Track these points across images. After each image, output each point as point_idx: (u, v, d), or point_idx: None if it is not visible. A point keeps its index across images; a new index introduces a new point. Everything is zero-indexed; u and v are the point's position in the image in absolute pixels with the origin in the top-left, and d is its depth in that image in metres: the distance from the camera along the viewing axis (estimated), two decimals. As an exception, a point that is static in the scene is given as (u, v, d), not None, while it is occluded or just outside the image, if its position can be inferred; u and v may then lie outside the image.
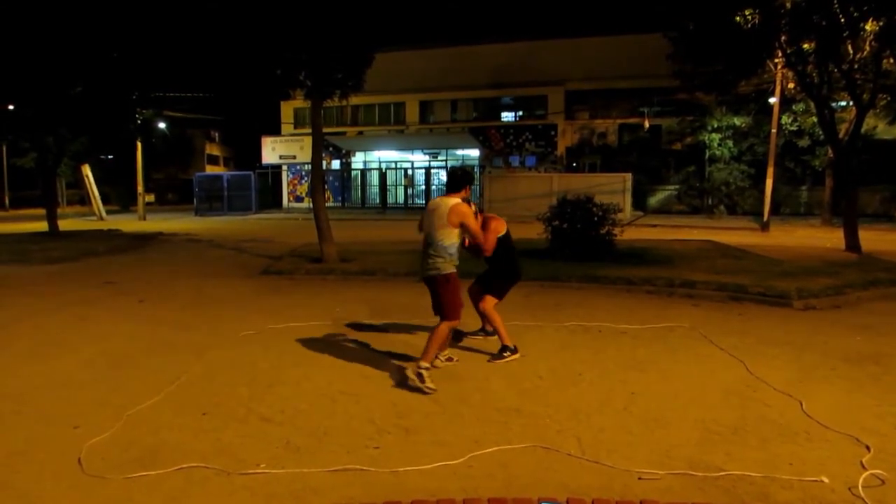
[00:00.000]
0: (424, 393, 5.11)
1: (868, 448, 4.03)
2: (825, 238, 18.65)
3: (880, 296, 9.48)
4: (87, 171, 31.30)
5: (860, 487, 3.50)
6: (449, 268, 5.46)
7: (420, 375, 5.19)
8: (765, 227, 22.92)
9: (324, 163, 18.50)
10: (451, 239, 5.44)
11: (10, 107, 18.80)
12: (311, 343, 6.85)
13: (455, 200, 5.47)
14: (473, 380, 5.53)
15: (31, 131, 18.74)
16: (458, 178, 5.64)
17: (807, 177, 30.40)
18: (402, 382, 5.35)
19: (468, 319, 6.36)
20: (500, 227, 6.22)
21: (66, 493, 3.57)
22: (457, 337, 6.56)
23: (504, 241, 6.24)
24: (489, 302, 6.26)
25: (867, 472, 3.68)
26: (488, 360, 6.07)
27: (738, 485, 3.58)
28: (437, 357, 5.66)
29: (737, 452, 4.01)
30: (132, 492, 3.56)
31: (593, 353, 6.40)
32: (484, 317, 6.39)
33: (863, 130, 17.50)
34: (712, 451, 4.03)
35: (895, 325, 7.68)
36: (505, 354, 6.08)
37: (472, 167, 38.61)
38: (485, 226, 6.05)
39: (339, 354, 6.38)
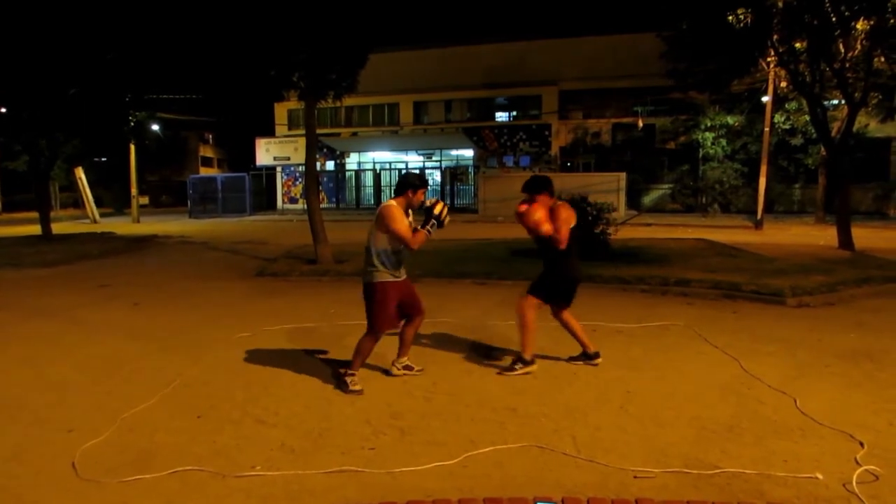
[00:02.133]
0: (353, 392, 5.18)
1: (862, 444, 4.04)
2: (818, 236, 18.71)
3: (874, 293, 9.51)
4: (80, 173, 31.20)
5: (854, 483, 3.51)
6: (380, 277, 5.29)
7: (345, 383, 5.25)
8: (758, 225, 22.98)
9: (318, 164, 18.48)
10: (379, 244, 5.28)
11: (3, 109, 18.72)
12: (306, 344, 6.84)
13: (389, 203, 5.32)
14: (469, 380, 5.53)
15: (24, 134, 18.66)
16: (400, 183, 5.44)
17: (800, 175, 30.48)
18: (397, 385, 5.35)
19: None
20: (570, 216, 5.79)
21: (60, 497, 3.56)
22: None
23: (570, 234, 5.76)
24: (530, 301, 5.87)
25: (861, 469, 3.69)
26: (497, 373, 5.70)
27: (733, 482, 3.59)
28: (393, 366, 5.66)
29: (732, 450, 4.02)
30: (127, 496, 3.55)
31: (588, 353, 6.40)
32: (519, 322, 5.86)
33: (855, 128, 17.61)
34: (707, 449, 4.04)
35: (889, 322, 7.71)
36: (517, 367, 5.68)
37: (419, 171, 38.59)
38: (554, 215, 5.68)
39: (334, 356, 6.37)
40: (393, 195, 5.44)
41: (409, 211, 5.41)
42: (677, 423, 4.49)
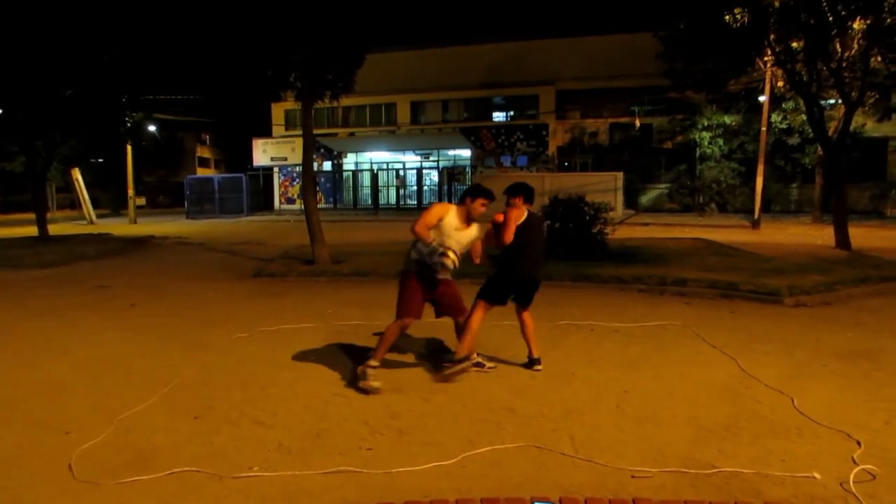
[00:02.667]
0: (365, 392, 5.12)
1: (859, 443, 4.05)
2: (815, 235, 18.74)
3: (871, 292, 9.53)
4: (77, 174, 31.15)
5: (851, 483, 3.52)
6: (408, 266, 5.43)
7: (364, 373, 5.25)
8: (755, 224, 23.01)
9: (315, 164, 18.47)
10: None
11: (-1, 111, 18.70)
12: (303, 345, 6.83)
13: (444, 203, 5.49)
14: (466, 380, 5.52)
15: (20, 135, 18.62)
16: (465, 190, 5.60)
17: (797, 174, 30.56)
18: (395, 386, 5.35)
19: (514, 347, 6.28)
20: (519, 215, 5.68)
21: (57, 499, 3.55)
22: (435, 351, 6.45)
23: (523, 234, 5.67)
24: (479, 303, 5.75)
25: (858, 468, 3.69)
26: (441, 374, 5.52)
27: (731, 482, 3.60)
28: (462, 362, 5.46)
29: (729, 449, 4.02)
30: (124, 497, 3.54)
31: (586, 352, 6.41)
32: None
33: (852, 128, 17.64)
34: (705, 449, 4.04)
35: (886, 322, 7.73)
36: (453, 366, 5.49)
37: (481, 186, 38.60)
38: (505, 215, 5.68)
39: (331, 356, 6.37)
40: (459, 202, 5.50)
41: (470, 220, 5.44)
42: (675, 423, 4.49)
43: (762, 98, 23.64)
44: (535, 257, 5.86)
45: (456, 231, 5.35)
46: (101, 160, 40.37)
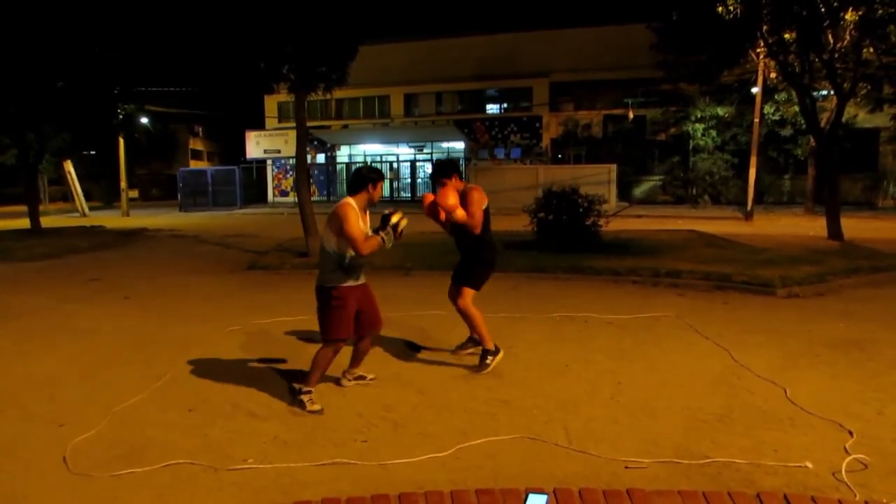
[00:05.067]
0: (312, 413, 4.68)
1: (851, 433, 4.07)
2: (808, 226, 18.80)
3: (863, 283, 9.58)
4: (69, 167, 30.97)
5: (844, 472, 3.54)
6: (334, 280, 4.87)
7: (301, 402, 4.74)
8: (748, 216, 23.07)
9: (309, 157, 18.40)
10: (332, 245, 4.83)
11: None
12: (297, 337, 6.83)
13: (346, 201, 4.77)
14: (460, 371, 5.53)
15: (12, 127, 18.52)
16: (357, 179, 4.90)
17: (789, 166, 30.58)
18: (389, 378, 5.35)
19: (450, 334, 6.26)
20: (482, 199, 5.49)
21: (51, 491, 3.55)
22: (413, 347, 6.31)
23: (486, 217, 5.56)
24: (466, 295, 5.61)
25: (850, 457, 3.72)
26: (473, 372, 5.47)
27: (724, 472, 3.61)
28: (344, 377, 5.25)
29: (722, 440, 4.04)
30: (118, 490, 3.54)
31: (580, 344, 6.43)
32: (466, 319, 5.66)
33: (844, 119, 17.67)
34: (698, 439, 4.06)
35: (877, 312, 7.77)
36: (487, 361, 5.50)
37: (370, 165, 38.55)
38: (466, 199, 5.41)
39: (326, 348, 6.37)
40: (349, 193, 4.86)
41: (367, 210, 4.94)
42: (668, 414, 4.51)
43: (755, 90, 23.66)
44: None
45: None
46: (93, 153, 40.17)
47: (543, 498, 3.18)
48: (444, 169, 5.59)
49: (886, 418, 4.36)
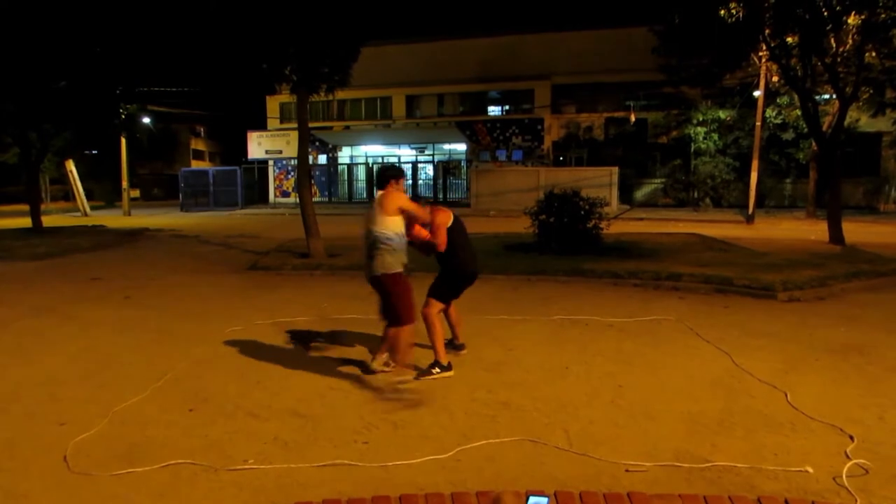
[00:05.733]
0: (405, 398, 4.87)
1: (852, 438, 4.07)
2: (809, 230, 18.79)
3: (864, 287, 9.56)
4: (70, 166, 30.99)
5: (844, 477, 3.54)
6: (396, 266, 5.11)
7: (388, 364, 5.11)
8: (750, 219, 23.05)
9: (310, 158, 18.42)
10: (393, 228, 5.09)
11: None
12: (298, 338, 6.84)
13: (388, 190, 5.21)
14: (461, 374, 5.53)
15: (14, 126, 18.54)
16: (380, 175, 5.35)
17: (791, 169, 30.56)
18: (388, 378, 5.35)
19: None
20: (446, 219, 5.65)
21: (51, 490, 3.55)
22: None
23: (450, 233, 5.65)
24: (431, 305, 5.66)
25: (851, 462, 3.72)
26: (414, 377, 5.29)
27: (724, 476, 3.61)
28: (374, 359, 5.50)
29: (723, 444, 4.04)
30: (118, 489, 3.55)
31: (580, 347, 6.42)
32: (426, 327, 5.59)
33: (846, 123, 17.66)
34: (698, 443, 4.06)
35: (878, 316, 7.76)
36: (434, 371, 5.42)
37: (396, 164, 38.57)
38: (432, 221, 5.59)
39: (326, 349, 6.38)
40: (379, 187, 5.30)
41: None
42: (669, 417, 4.51)
43: (757, 93, 23.64)
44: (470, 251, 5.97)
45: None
46: (95, 152, 40.16)
47: (544, 500, 3.18)
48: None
49: (887, 423, 4.36)
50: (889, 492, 3.40)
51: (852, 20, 13.61)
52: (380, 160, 40.53)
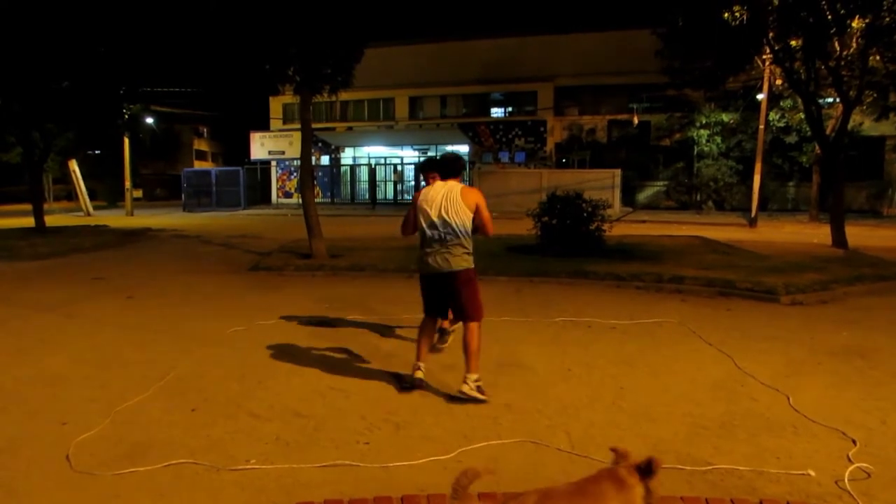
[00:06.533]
0: (481, 402, 4.79)
1: (854, 442, 4.06)
2: (812, 234, 18.77)
3: (866, 291, 9.55)
4: (73, 166, 31.06)
5: (846, 481, 3.53)
6: (471, 261, 5.00)
7: (478, 390, 4.81)
8: (752, 222, 23.02)
9: (313, 158, 18.44)
10: (470, 222, 4.94)
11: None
12: (300, 339, 6.84)
13: (458, 183, 5.06)
14: (462, 374, 5.52)
15: (17, 126, 18.58)
16: (449, 165, 5.13)
17: (794, 173, 30.56)
18: (392, 380, 5.36)
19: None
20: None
21: (54, 489, 3.56)
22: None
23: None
24: None
25: (853, 466, 3.71)
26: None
27: (726, 478, 3.61)
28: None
29: (724, 446, 4.04)
30: (121, 488, 3.55)
31: (582, 349, 6.42)
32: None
33: (849, 127, 17.61)
34: (700, 446, 4.05)
35: (881, 320, 7.75)
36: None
37: (459, 154, 38.57)
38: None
39: (328, 350, 6.38)
40: (448, 176, 5.07)
41: None
42: (671, 420, 4.50)
43: (760, 96, 23.63)
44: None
45: None
46: (98, 152, 40.24)
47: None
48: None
49: (889, 427, 4.35)
50: (891, 496, 3.40)
51: (856, 24, 13.60)
52: (382, 161, 40.57)
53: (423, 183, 5.40)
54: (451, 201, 4.92)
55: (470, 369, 4.87)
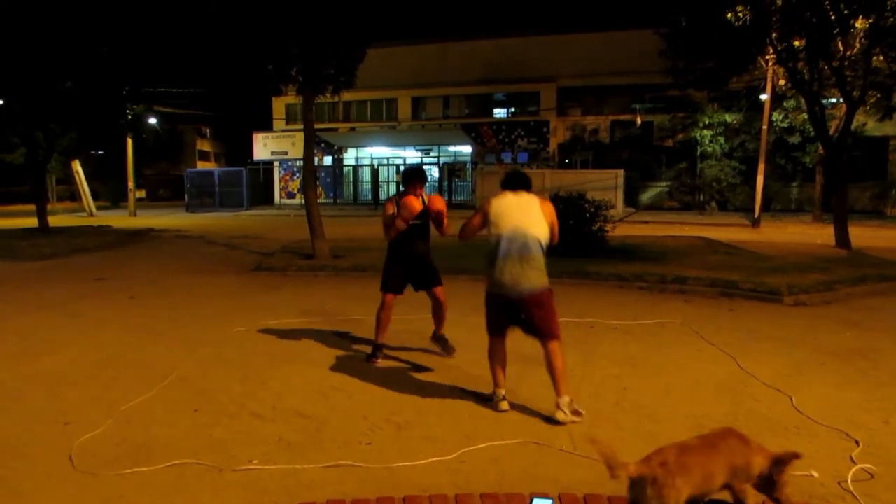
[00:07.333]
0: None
1: (857, 442, 4.05)
2: (815, 234, 18.73)
3: (869, 291, 9.53)
4: (77, 166, 31.10)
5: (849, 481, 3.52)
6: (547, 277, 4.75)
7: (575, 411, 4.53)
8: (756, 223, 23.00)
9: (316, 159, 18.45)
10: (547, 240, 4.78)
11: (-1, 102, 18.70)
12: (302, 339, 6.85)
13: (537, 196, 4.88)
14: (463, 376, 5.53)
15: (21, 126, 18.61)
16: (523, 180, 4.96)
17: (797, 173, 30.50)
18: (394, 380, 5.36)
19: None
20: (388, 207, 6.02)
21: (57, 489, 3.56)
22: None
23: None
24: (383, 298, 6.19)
25: (856, 467, 3.70)
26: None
27: (729, 479, 3.60)
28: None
29: (727, 447, 4.02)
30: (123, 488, 3.55)
31: (585, 349, 6.41)
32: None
33: (853, 127, 17.58)
34: (703, 446, 4.04)
35: (884, 321, 7.74)
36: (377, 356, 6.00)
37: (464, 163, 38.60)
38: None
39: (330, 350, 6.39)
40: (523, 189, 4.88)
41: None
42: (673, 420, 4.50)
43: (763, 96, 23.60)
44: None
45: None
46: (101, 152, 40.26)
47: (548, 503, 3.18)
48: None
49: (892, 428, 4.34)
50: (894, 496, 3.39)
51: (860, 24, 13.57)
52: (385, 162, 40.58)
53: (400, 188, 5.58)
54: (530, 215, 4.72)
55: (560, 392, 4.54)
